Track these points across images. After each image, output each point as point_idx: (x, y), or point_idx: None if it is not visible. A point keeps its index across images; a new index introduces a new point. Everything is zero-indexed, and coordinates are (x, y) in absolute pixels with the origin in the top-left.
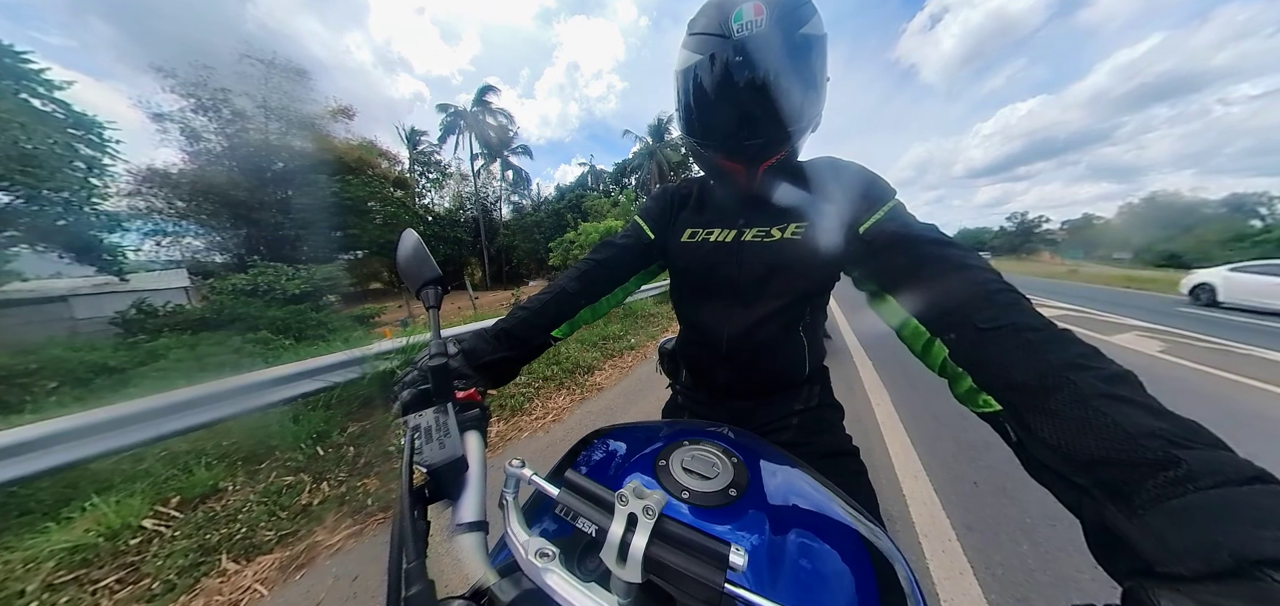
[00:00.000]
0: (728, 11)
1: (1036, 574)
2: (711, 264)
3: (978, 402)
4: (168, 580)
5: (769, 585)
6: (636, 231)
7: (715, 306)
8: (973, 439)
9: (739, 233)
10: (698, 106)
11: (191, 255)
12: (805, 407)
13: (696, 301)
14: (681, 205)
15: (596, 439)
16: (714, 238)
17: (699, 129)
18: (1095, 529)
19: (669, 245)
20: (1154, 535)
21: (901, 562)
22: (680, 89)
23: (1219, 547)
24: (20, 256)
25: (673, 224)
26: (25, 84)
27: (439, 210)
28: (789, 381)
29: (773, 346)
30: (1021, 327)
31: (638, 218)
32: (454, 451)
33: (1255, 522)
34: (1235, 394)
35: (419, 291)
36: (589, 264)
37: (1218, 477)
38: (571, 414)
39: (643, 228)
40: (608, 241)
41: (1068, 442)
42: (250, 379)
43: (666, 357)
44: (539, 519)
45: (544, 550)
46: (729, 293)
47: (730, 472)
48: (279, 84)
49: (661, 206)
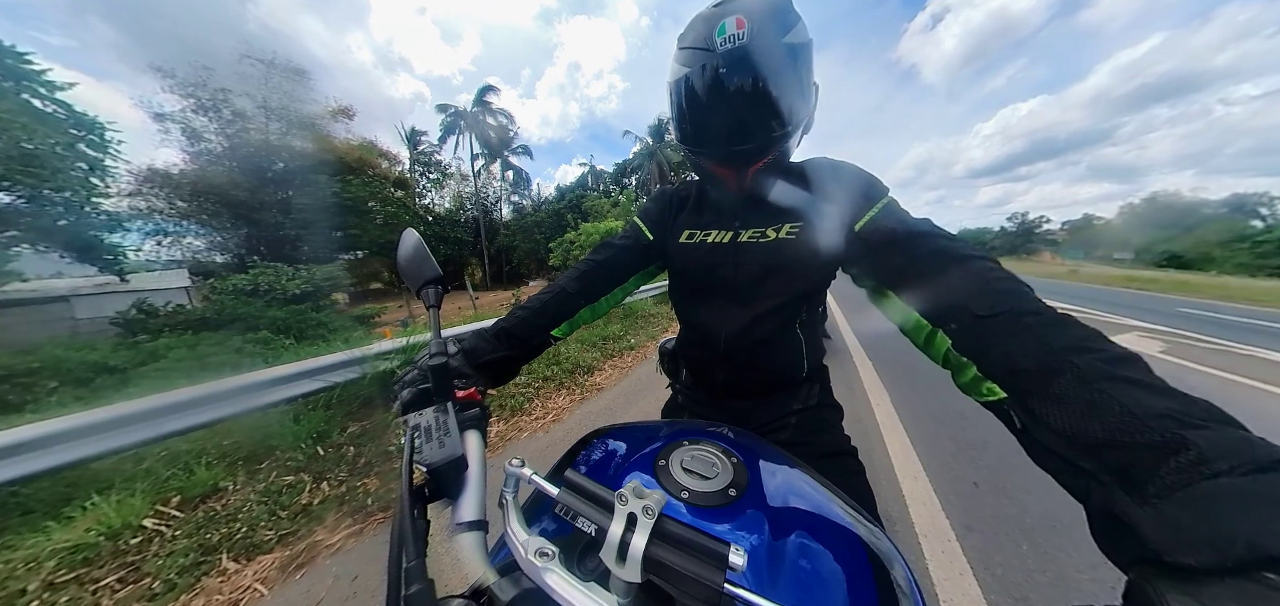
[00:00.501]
0: (712, 25)
1: (1036, 574)
2: (709, 264)
3: (981, 391)
4: (168, 579)
5: (768, 585)
6: (636, 233)
7: (713, 306)
8: (972, 438)
9: (736, 233)
10: (690, 115)
11: (192, 255)
12: (804, 407)
13: (695, 301)
14: (680, 207)
15: (596, 438)
16: (711, 239)
17: (691, 136)
18: (1101, 515)
19: (668, 246)
20: (1165, 523)
21: (900, 563)
22: (672, 100)
23: (1233, 539)
24: (21, 256)
25: (671, 225)
26: (27, 85)
27: (439, 210)
28: (788, 380)
29: (770, 345)
30: (1021, 313)
31: (637, 219)
32: (454, 450)
33: (1272, 513)
34: (1235, 394)
35: (419, 291)
36: (589, 264)
37: (1233, 462)
38: (571, 414)
39: (642, 229)
40: (607, 242)
41: (1073, 427)
42: (251, 379)
43: (667, 357)
44: (538, 518)
45: (543, 549)
46: (727, 292)
47: (730, 473)
48: (279, 84)
49: (660, 208)
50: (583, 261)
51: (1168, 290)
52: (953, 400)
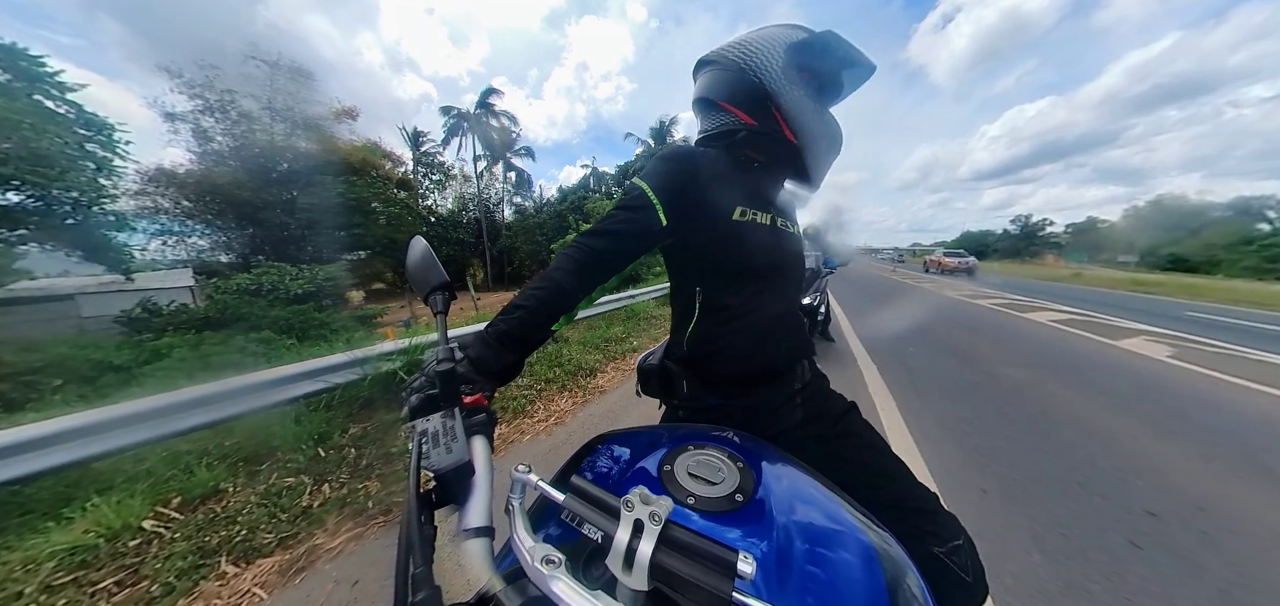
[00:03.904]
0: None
1: (1047, 584)
2: (769, 244)
3: None
4: (167, 583)
5: (777, 593)
6: (646, 215)
7: (771, 284)
8: (978, 444)
9: (773, 219)
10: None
11: (197, 255)
12: (804, 384)
13: (747, 282)
14: (720, 179)
15: (600, 444)
16: (760, 220)
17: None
18: None
19: (703, 222)
20: None
21: (913, 572)
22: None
23: None
24: (29, 254)
25: (705, 199)
26: (38, 86)
27: (442, 211)
28: (800, 353)
29: (797, 321)
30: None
31: (650, 193)
32: (460, 456)
33: None
34: (1246, 400)
35: (427, 297)
36: (585, 255)
37: None
38: (573, 417)
39: (655, 210)
40: (607, 228)
41: None
42: (252, 379)
43: (654, 375)
44: (544, 524)
45: (550, 557)
46: (777, 273)
47: (736, 477)
48: (284, 85)
49: (684, 179)
50: (579, 249)
51: (1174, 293)
52: (959, 406)
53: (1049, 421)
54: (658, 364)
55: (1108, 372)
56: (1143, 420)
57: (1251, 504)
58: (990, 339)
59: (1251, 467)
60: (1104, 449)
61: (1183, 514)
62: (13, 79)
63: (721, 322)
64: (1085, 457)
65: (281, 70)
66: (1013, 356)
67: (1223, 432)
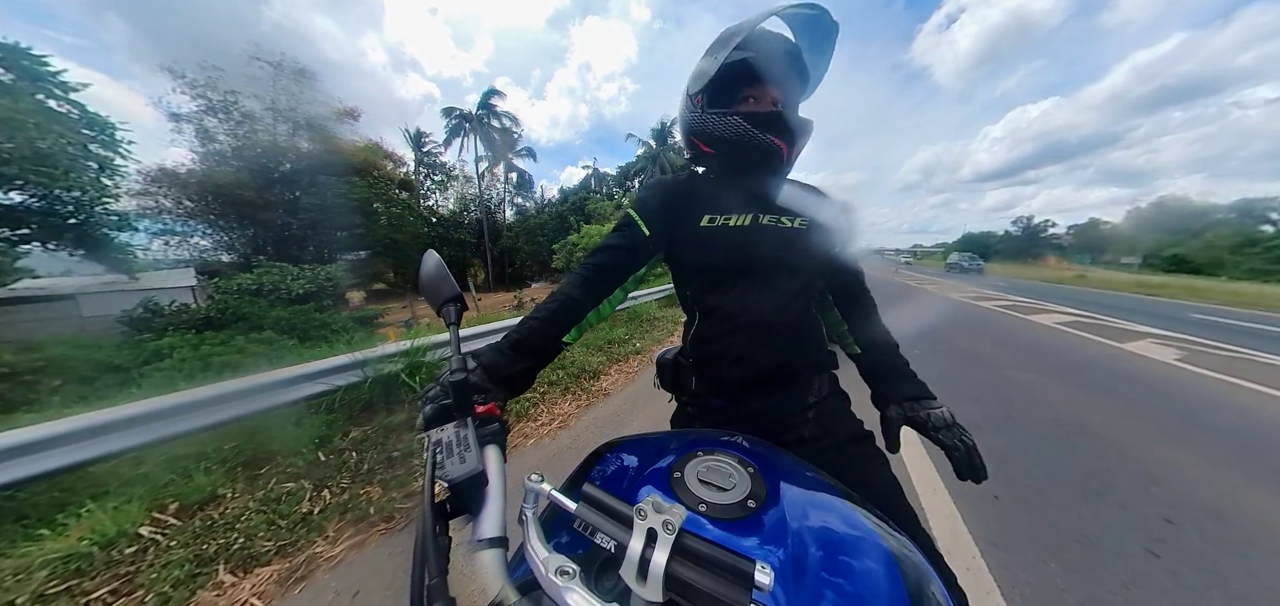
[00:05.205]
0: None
1: (1066, 595)
2: (737, 244)
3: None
4: (162, 593)
5: (795, 604)
6: (631, 231)
7: (743, 287)
8: (990, 448)
9: (756, 217)
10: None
11: (199, 254)
12: (819, 399)
13: (721, 285)
14: (688, 195)
15: (608, 452)
16: (733, 221)
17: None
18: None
19: (679, 236)
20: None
21: (935, 580)
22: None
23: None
24: (31, 254)
25: (681, 214)
26: (42, 85)
27: (443, 212)
28: (810, 362)
29: (795, 326)
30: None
31: (633, 213)
32: (474, 466)
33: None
34: (1259, 405)
35: (440, 309)
36: (590, 269)
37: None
38: (578, 420)
39: (638, 225)
40: (604, 245)
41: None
42: (252, 381)
43: (668, 369)
44: (555, 532)
45: (564, 568)
46: (754, 273)
47: (747, 483)
48: (287, 86)
49: (660, 199)
50: (584, 266)
51: (1178, 295)
52: (967, 409)
53: (1060, 426)
54: (672, 359)
55: (1116, 376)
56: (1154, 424)
57: (1270, 511)
58: (995, 341)
59: (1267, 473)
60: (1117, 454)
61: (1200, 521)
62: (16, 79)
63: (717, 322)
64: (1100, 463)
65: (285, 71)
66: (1019, 359)
67: (1235, 437)
